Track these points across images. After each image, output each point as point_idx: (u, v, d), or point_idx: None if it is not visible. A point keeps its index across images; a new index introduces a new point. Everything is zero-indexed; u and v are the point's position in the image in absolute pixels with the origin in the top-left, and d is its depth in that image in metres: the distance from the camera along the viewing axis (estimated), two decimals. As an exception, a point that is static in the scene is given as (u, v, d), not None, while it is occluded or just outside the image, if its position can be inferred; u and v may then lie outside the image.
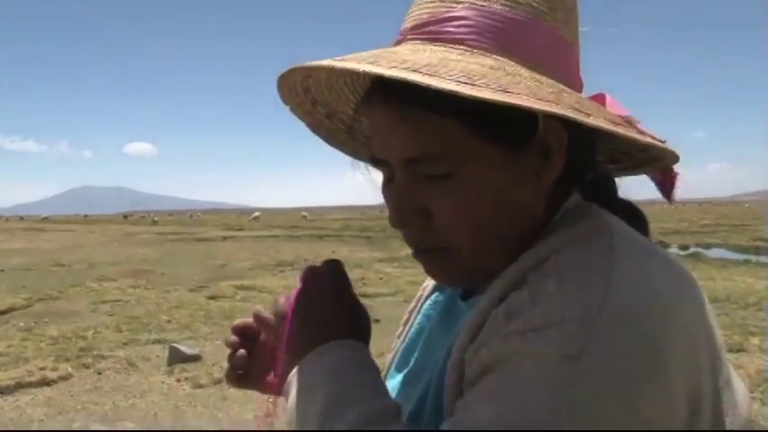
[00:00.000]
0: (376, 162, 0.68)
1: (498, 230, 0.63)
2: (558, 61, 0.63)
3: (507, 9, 0.61)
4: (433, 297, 0.84)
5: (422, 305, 0.85)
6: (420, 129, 0.60)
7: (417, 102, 0.58)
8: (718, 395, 0.58)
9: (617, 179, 0.76)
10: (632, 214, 0.70)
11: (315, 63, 0.61)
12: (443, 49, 0.60)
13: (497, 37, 0.60)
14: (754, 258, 16.05)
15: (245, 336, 0.82)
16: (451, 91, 0.52)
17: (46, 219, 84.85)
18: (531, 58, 0.61)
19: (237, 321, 0.84)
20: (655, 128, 0.68)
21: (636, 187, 0.78)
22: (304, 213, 74.33)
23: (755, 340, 6.48)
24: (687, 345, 0.54)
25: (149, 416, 4.90)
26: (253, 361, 0.81)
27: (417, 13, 0.65)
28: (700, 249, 18.92)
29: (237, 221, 57.50)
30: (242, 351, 0.81)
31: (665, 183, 0.71)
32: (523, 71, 0.59)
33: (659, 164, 0.70)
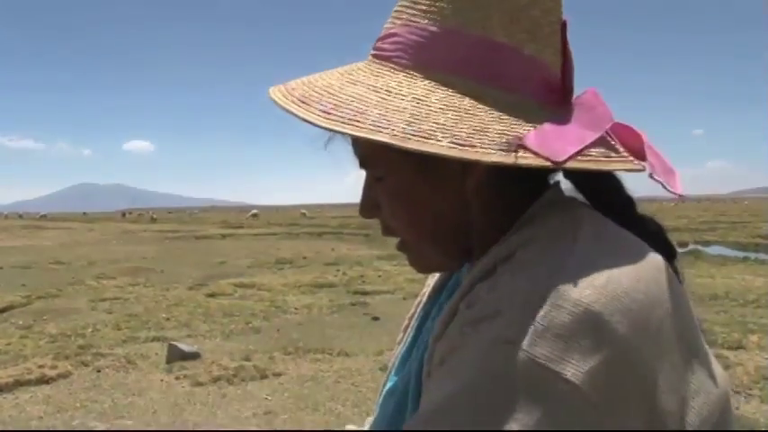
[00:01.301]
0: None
1: (428, 227, 0.68)
2: (488, 67, 0.63)
3: (431, 23, 0.64)
4: (431, 302, 0.85)
5: (421, 310, 0.86)
6: (354, 140, 0.68)
7: None
8: (686, 382, 0.56)
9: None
10: (631, 216, 0.69)
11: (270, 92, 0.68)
12: (366, 68, 0.67)
13: (416, 52, 0.64)
14: (753, 256, 16.07)
15: None
16: (305, 121, 0.61)
17: (44, 216, 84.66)
18: (447, 70, 0.63)
19: None
20: (654, 126, 0.66)
21: (636, 185, 0.77)
22: (303, 211, 74.33)
23: (755, 338, 6.48)
24: (636, 331, 0.53)
25: (148, 413, 4.90)
26: None
27: (384, 28, 0.70)
28: (699, 247, 18.93)
29: (236, 219, 57.50)
30: None
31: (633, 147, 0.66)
32: (417, 89, 0.62)
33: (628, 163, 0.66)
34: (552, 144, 0.59)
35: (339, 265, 14.42)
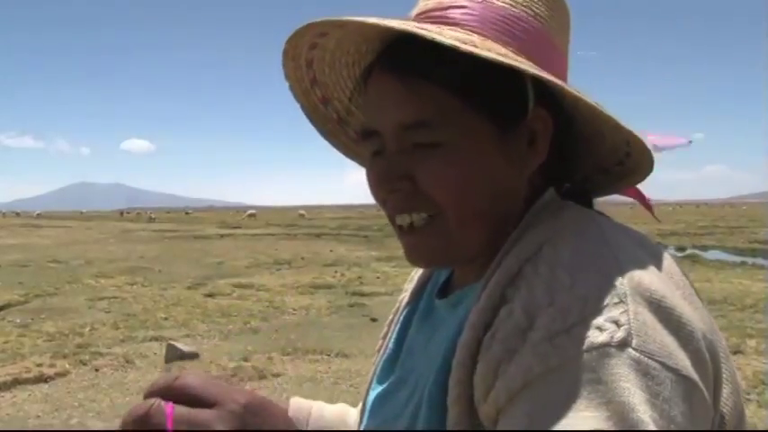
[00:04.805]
0: (367, 135, 0.68)
1: (480, 204, 0.64)
2: (547, 64, 0.64)
3: (508, 6, 0.66)
4: (409, 308, 0.84)
5: (399, 317, 0.85)
6: (418, 96, 0.63)
7: (418, 71, 0.62)
8: (724, 365, 0.59)
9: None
10: None
11: (329, 18, 0.63)
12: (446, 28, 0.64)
13: (497, 27, 0.64)
14: (750, 260, 16.09)
15: None
16: (452, 45, 0.57)
17: (39, 215, 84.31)
18: (524, 52, 0.64)
19: None
20: (654, 128, 0.71)
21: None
22: (302, 212, 74.30)
23: (752, 342, 6.50)
24: (696, 315, 0.57)
25: (146, 413, 4.88)
26: None
27: (423, 4, 0.69)
28: (697, 251, 18.97)
29: (234, 219, 57.46)
30: None
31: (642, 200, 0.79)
32: (513, 56, 0.62)
33: (636, 177, 0.72)
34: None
35: (337, 267, 14.42)
